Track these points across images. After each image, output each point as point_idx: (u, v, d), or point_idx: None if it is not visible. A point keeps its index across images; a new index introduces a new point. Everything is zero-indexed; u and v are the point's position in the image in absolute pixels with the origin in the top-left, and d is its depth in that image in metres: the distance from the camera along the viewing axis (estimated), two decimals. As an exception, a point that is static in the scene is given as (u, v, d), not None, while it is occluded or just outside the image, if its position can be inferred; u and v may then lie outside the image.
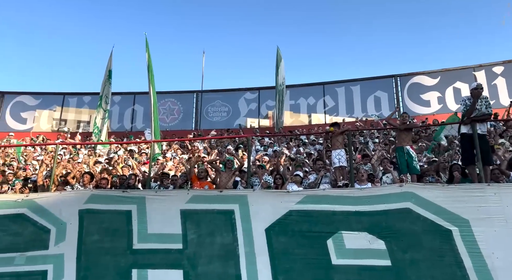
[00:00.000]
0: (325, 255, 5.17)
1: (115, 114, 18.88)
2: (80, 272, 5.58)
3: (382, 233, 5.16)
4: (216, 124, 18.53)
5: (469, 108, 5.70)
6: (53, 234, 5.82)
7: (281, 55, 15.52)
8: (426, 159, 7.63)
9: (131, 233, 5.70)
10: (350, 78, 18.50)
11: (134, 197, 5.93)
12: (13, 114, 18.93)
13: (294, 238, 5.36)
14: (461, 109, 5.93)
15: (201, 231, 5.61)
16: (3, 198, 6.23)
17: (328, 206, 5.44)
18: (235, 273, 5.26)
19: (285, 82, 16.10)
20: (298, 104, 18.75)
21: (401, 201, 5.24)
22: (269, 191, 6.16)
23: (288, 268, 5.20)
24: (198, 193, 6.03)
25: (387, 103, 17.45)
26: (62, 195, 6.20)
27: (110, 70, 14.86)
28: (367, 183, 6.23)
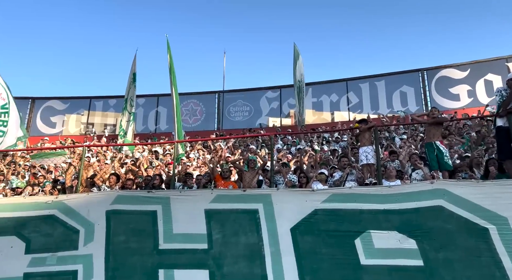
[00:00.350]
0: (353, 255, 5.03)
1: (140, 116, 19.24)
2: (108, 272, 5.64)
3: (413, 232, 4.97)
4: (238, 123, 18.54)
5: (505, 99, 5.39)
6: (82, 235, 5.92)
7: (298, 52, 15.31)
8: (458, 155, 7.30)
9: (157, 233, 5.73)
10: (374, 74, 18.05)
11: (159, 197, 5.96)
12: (43, 118, 19.64)
13: (320, 238, 5.24)
14: (497, 100, 5.61)
15: (225, 231, 5.58)
16: (34, 199, 6.40)
17: (355, 205, 5.29)
18: (261, 273, 5.20)
19: (305, 78, 15.88)
20: (320, 102, 18.48)
21: (433, 199, 5.04)
22: (293, 190, 6.06)
23: (315, 268, 5.09)
24: (222, 193, 6.00)
25: (414, 98, 16.93)
26: (90, 196, 6.31)
27: (134, 73, 15.14)
28: (396, 180, 6.01)
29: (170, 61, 11.34)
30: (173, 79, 11.27)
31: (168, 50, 11.36)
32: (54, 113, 19.77)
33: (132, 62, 15.26)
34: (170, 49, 11.38)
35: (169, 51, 11.36)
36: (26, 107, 19.55)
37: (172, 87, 11.24)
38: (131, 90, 15.05)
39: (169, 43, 11.45)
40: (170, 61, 11.34)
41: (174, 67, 11.37)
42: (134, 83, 15.09)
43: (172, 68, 11.35)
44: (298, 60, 15.29)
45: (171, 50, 11.36)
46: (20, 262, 5.82)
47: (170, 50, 11.36)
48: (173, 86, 11.24)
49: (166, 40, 11.49)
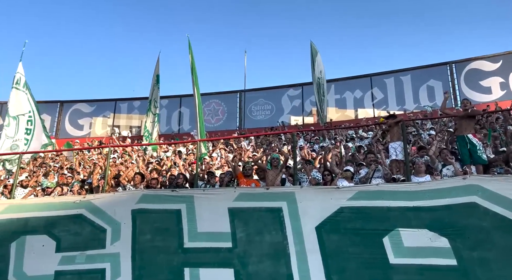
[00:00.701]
0: (382, 254, 4.89)
1: (163, 117, 19.53)
2: (135, 270, 5.71)
3: (445, 230, 4.79)
4: (260, 122, 18.49)
5: None
6: (109, 234, 6.02)
7: (316, 49, 15.10)
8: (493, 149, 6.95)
9: (182, 232, 5.75)
10: (399, 68, 17.55)
11: (183, 196, 5.99)
12: (71, 121, 20.28)
13: (347, 236, 5.12)
14: None
15: (249, 230, 5.54)
16: (63, 199, 6.58)
17: (382, 202, 5.15)
18: (286, 273, 5.13)
19: (325, 75, 15.64)
20: (343, 98, 18.15)
21: (466, 195, 4.84)
22: (317, 188, 5.94)
23: (342, 268, 4.97)
24: (245, 191, 5.97)
25: (442, 92, 16.29)
26: (116, 196, 6.41)
27: (157, 75, 15.36)
28: (425, 175, 5.78)
29: (192, 61, 11.41)
30: (195, 79, 11.34)
31: (189, 50, 11.45)
32: (81, 116, 20.38)
33: (156, 64, 15.49)
34: (192, 49, 11.46)
35: (190, 51, 11.44)
36: (55, 111, 20.26)
37: (194, 87, 11.32)
38: (154, 92, 15.28)
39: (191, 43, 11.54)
40: (191, 61, 11.41)
41: (195, 67, 11.45)
42: (157, 85, 15.31)
43: (194, 68, 11.42)
44: (317, 57, 15.09)
45: (192, 50, 11.44)
46: (51, 260, 5.98)
47: (191, 50, 11.45)
48: (195, 86, 11.31)
49: (188, 41, 11.58)
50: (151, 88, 15.40)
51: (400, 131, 6.33)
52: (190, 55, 11.40)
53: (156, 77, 15.40)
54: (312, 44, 15.10)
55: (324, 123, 14.70)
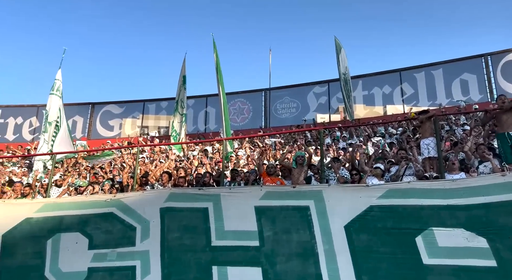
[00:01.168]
0: (415, 254, 4.72)
1: (190, 117, 19.77)
2: (165, 268, 5.79)
3: (482, 229, 4.56)
4: (285, 120, 18.35)
5: None
6: (139, 232, 6.13)
7: (340, 45, 14.63)
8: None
9: (209, 230, 5.78)
10: (430, 62, 16.90)
11: (210, 194, 6.02)
12: (102, 122, 20.93)
13: (377, 236, 4.98)
14: None
15: (276, 228, 5.50)
16: (95, 198, 6.77)
17: (414, 200, 4.97)
18: (315, 272, 5.05)
19: (350, 71, 15.21)
20: (372, 95, 17.68)
21: (505, 193, 4.59)
22: (346, 186, 5.81)
23: (373, 268, 4.83)
24: (271, 189, 5.92)
25: (476, 86, 15.58)
26: (145, 194, 6.53)
27: (184, 76, 15.54)
28: (459, 172, 5.51)
29: (217, 60, 11.46)
30: (220, 78, 11.39)
31: (214, 49, 11.50)
32: (111, 117, 21.00)
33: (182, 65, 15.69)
34: (216, 47, 11.51)
35: (215, 50, 11.49)
36: (87, 112, 20.98)
37: (219, 85, 11.37)
38: (181, 93, 15.48)
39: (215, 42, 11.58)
40: (216, 59, 11.46)
41: (220, 65, 11.48)
42: (184, 86, 15.50)
43: (219, 67, 11.47)
44: (341, 54, 14.67)
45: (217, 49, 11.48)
46: (85, 257, 6.16)
47: (216, 49, 11.49)
48: (220, 85, 11.36)
49: (212, 39, 11.64)
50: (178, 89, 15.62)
51: (432, 127, 6.08)
52: (214, 54, 11.45)
53: (183, 78, 15.60)
54: (336, 39, 14.71)
55: (353, 119, 14.37)
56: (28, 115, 21.08)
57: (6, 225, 6.60)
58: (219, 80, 11.32)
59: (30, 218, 6.57)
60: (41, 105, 20.79)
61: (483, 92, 15.31)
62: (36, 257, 6.31)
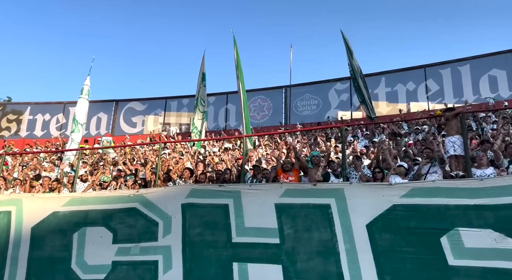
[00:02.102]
0: (440, 255, 4.61)
1: (210, 114, 19.91)
2: (186, 263, 5.87)
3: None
4: (306, 118, 18.19)
5: None
6: (161, 227, 6.23)
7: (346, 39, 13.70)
8: None
9: (230, 227, 5.82)
10: (457, 58, 16.36)
11: (230, 191, 6.05)
12: (126, 119, 21.38)
13: (400, 235, 4.89)
14: None
15: (297, 226, 5.48)
16: (119, 193, 6.93)
17: (440, 200, 4.85)
18: (336, 271, 5.00)
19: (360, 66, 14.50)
20: (395, 91, 17.27)
21: (537, 193, 4.37)
22: (368, 184, 5.72)
23: (396, 268, 4.74)
24: (292, 187, 5.89)
25: (506, 82, 14.92)
26: (167, 190, 6.63)
27: (203, 73, 15.64)
28: (488, 168, 5.31)
29: (237, 56, 11.44)
30: (240, 75, 11.38)
31: (234, 45, 11.48)
32: (134, 113, 21.41)
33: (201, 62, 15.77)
34: (237, 44, 11.48)
35: (235, 46, 11.47)
36: (111, 109, 21.48)
37: (239, 81, 11.35)
38: (201, 90, 15.58)
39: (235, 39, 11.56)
40: (236, 56, 11.45)
41: (240, 62, 11.47)
42: (204, 83, 15.60)
43: (239, 63, 11.45)
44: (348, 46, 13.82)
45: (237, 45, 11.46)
46: (109, 251, 6.32)
47: (236, 45, 11.47)
48: (240, 81, 11.35)
49: (232, 36, 11.62)
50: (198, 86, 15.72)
51: (459, 125, 5.89)
52: (235, 50, 11.43)
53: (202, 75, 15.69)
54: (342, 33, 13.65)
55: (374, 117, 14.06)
56: (55, 112, 21.76)
57: (34, 218, 6.85)
58: (239, 77, 11.32)
59: (57, 212, 6.79)
60: (67, 102, 21.42)
61: (513, 88, 14.70)
62: (63, 250, 6.52)
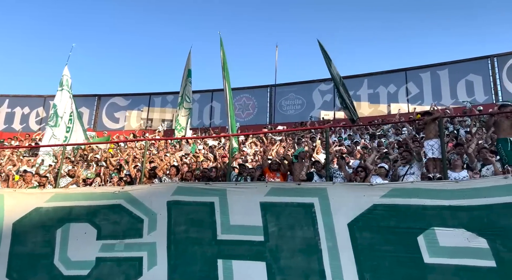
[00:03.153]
0: (416, 253, 4.82)
1: (195, 111, 19.88)
2: (171, 260, 5.93)
3: (483, 230, 4.65)
4: (290, 117, 18.44)
5: None
6: (146, 224, 6.25)
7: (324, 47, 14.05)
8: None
9: (215, 224, 5.90)
10: (436, 62, 16.91)
11: (216, 189, 6.13)
12: (108, 114, 21.10)
13: (380, 234, 5.08)
14: None
15: (281, 224, 5.60)
16: (103, 190, 6.91)
17: (417, 200, 5.06)
18: (318, 268, 5.16)
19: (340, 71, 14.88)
20: (377, 93, 17.72)
21: (507, 195, 4.67)
22: (350, 184, 5.92)
23: (375, 266, 4.94)
24: (277, 186, 6.02)
25: (481, 87, 15.59)
26: (152, 187, 6.66)
27: (189, 70, 15.58)
28: (462, 170, 5.60)
29: (223, 58, 11.52)
30: (227, 75, 11.47)
31: (221, 47, 11.55)
32: (117, 109, 21.16)
33: (187, 58, 15.70)
34: (223, 46, 11.57)
35: (222, 48, 11.55)
36: (93, 104, 21.15)
37: (225, 82, 11.45)
38: (187, 86, 15.53)
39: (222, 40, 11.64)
40: (223, 58, 11.52)
41: (227, 64, 11.56)
42: (189, 79, 15.53)
43: (225, 64, 11.54)
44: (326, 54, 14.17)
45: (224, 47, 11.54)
46: (93, 247, 6.30)
47: (223, 47, 11.55)
48: (226, 82, 11.44)
49: (219, 38, 11.69)
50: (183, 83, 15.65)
51: (437, 128, 6.17)
52: (221, 51, 11.51)
53: (188, 71, 15.63)
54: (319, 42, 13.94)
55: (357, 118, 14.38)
56: (35, 105, 21.26)
57: (16, 213, 6.74)
58: (226, 77, 11.41)
59: (40, 208, 6.71)
60: (48, 95, 20.97)
61: (488, 93, 15.34)
62: (45, 246, 6.46)
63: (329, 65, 13.71)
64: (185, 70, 15.76)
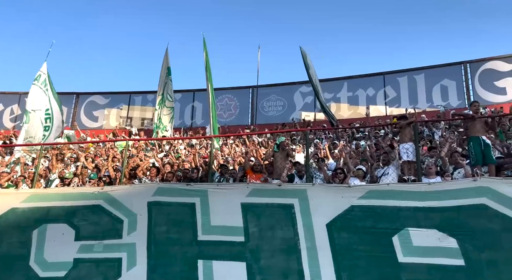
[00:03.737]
0: (391, 253, 5.01)
1: (176, 111, 19.64)
2: (151, 261, 5.93)
3: (454, 230, 4.90)
4: (272, 118, 18.57)
5: None
6: (126, 225, 6.23)
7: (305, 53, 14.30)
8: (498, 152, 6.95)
9: (196, 225, 5.94)
10: (413, 67, 17.43)
11: (197, 190, 6.17)
12: (87, 113, 20.65)
13: (357, 234, 5.25)
14: None
15: (261, 225, 5.70)
16: (82, 190, 6.83)
17: (393, 202, 5.26)
18: (297, 268, 5.28)
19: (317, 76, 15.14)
20: (356, 96, 18.09)
21: (475, 197, 4.93)
22: (329, 186, 6.07)
23: (352, 265, 5.10)
24: (258, 187, 6.11)
25: (455, 92, 16.16)
26: (132, 188, 6.63)
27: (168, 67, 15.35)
28: (435, 177, 5.85)
29: (206, 59, 11.53)
30: (209, 76, 11.49)
31: (204, 48, 11.56)
32: (96, 107, 20.73)
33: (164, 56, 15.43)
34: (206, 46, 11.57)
35: (205, 49, 11.55)
36: (71, 102, 20.64)
37: (208, 83, 11.46)
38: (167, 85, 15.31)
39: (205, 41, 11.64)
40: (206, 58, 11.53)
41: (210, 65, 11.57)
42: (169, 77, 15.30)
43: (208, 66, 11.55)
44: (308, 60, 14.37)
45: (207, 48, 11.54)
46: (71, 248, 6.23)
47: (206, 48, 11.56)
48: (209, 83, 11.46)
49: (203, 38, 11.69)
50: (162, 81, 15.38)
51: (412, 133, 6.40)
52: (204, 52, 11.51)
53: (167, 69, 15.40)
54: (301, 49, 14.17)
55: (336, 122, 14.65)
56: (9, 103, 20.60)
57: (-9, 214, 6.59)
58: (208, 78, 11.43)
59: (16, 208, 6.59)
60: (23, 92, 20.31)
61: (461, 98, 15.91)
62: (21, 247, 6.34)
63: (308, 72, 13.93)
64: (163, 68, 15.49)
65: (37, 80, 12.91)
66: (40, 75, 13.00)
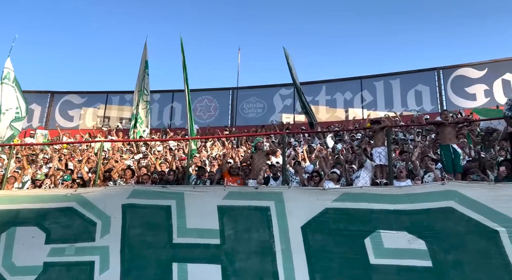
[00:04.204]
0: (363, 254, 5.11)
1: (155, 111, 19.45)
2: (124, 264, 5.84)
3: (422, 232, 5.03)
4: (251, 120, 18.62)
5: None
6: (99, 227, 6.12)
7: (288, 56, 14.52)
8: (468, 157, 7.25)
9: (171, 228, 5.89)
10: (389, 72, 17.90)
11: (173, 192, 6.12)
12: (62, 112, 20.09)
13: (330, 237, 5.33)
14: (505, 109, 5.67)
15: (238, 227, 5.71)
16: (54, 192, 6.67)
17: (365, 204, 5.36)
18: (272, 270, 5.32)
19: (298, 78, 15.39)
20: (334, 99, 18.41)
21: (443, 200, 5.08)
22: (304, 188, 6.15)
23: (325, 267, 5.19)
24: (234, 190, 6.13)
25: (429, 97, 16.71)
26: (107, 190, 6.52)
27: (146, 61, 15.21)
28: (406, 180, 6.04)
29: (183, 60, 11.50)
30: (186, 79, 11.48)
31: (181, 49, 11.51)
32: (72, 107, 20.21)
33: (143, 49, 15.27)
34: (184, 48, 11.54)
35: (182, 50, 11.51)
36: (46, 101, 20.06)
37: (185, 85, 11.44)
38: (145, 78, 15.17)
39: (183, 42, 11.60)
40: (183, 60, 11.50)
41: (187, 66, 11.57)
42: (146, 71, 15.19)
43: (185, 67, 11.53)
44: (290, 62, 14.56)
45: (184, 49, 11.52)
46: (41, 252, 6.08)
47: (183, 49, 11.52)
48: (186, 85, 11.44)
49: (180, 40, 11.63)
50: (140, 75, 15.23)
51: (384, 137, 6.58)
52: (182, 54, 11.47)
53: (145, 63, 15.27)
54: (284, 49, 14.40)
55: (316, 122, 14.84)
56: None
57: (-45, 217, 6.33)
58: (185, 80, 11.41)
59: (-18, 211, 6.35)
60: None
61: (434, 103, 16.42)
62: (-13, 251, 6.13)
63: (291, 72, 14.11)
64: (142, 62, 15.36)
65: (7, 79, 12.46)
66: (9, 72, 12.55)
